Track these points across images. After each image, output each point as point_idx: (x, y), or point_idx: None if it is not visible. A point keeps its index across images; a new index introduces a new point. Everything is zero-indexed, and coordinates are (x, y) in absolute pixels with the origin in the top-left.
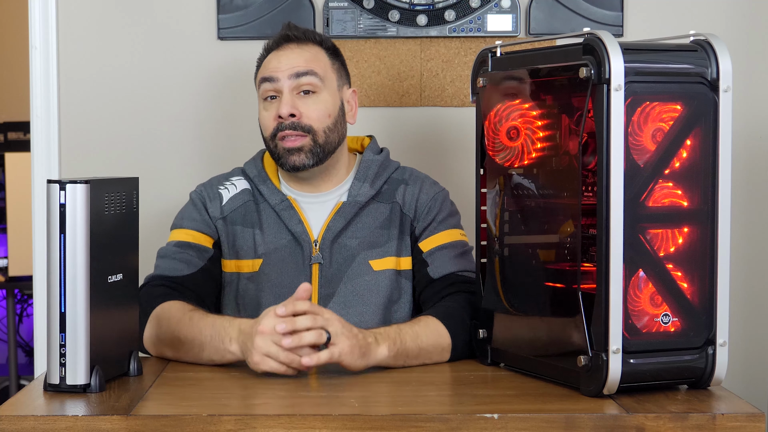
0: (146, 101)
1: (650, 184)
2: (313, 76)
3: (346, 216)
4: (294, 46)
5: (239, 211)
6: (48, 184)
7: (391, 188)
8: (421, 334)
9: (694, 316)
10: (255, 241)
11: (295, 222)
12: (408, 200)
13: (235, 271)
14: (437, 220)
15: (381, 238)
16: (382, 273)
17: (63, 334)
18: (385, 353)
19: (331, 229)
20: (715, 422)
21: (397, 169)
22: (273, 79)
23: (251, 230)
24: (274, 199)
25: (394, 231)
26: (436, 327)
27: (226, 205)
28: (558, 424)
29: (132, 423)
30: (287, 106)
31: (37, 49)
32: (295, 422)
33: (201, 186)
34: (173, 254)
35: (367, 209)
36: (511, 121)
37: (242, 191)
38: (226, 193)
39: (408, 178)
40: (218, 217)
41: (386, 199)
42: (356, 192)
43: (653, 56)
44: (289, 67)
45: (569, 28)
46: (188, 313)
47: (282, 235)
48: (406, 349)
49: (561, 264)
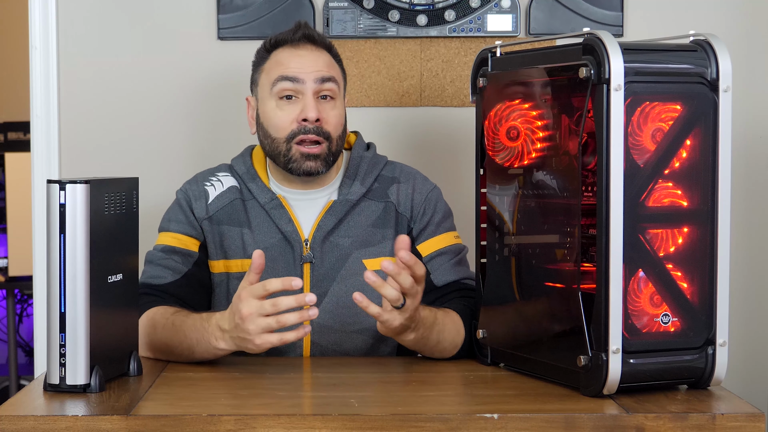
0: (146, 101)
1: (650, 184)
2: (333, 82)
3: (337, 214)
4: (313, 47)
5: (226, 210)
6: (48, 184)
7: (382, 186)
8: (446, 329)
9: (694, 316)
10: (244, 241)
11: (285, 221)
12: (403, 199)
13: (224, 271)
14: (434, 223)
15: (374, 237)
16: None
17: (63, 334)
18: (410, 338)
19: (322, 227)
20: (715, 422)
21: (386, 165)
22: (296, 80)
23: (239, 229)
24: (264, 197)
25: (389, 231)
26: (459, 326)
27: (212, 203)
28: (558, 424)
29: (132, 423)
30: (314, 110)
31: (37, 49)
32: (295, 422)
33: (186, 184)
34: (158, 260)
35: (359, 207)
36: (511, 121)
37: (229, 189)
38: (212, 190)
39: (399, 176)
40: (203, 217)
41: (378, 197)
42: (347, 190)
43: (653, 56)
44: (314, 70)
45: (569, 28)
46: (170, 318)
47: (272, 234)
48: (428, 339)
49: (561, 264)
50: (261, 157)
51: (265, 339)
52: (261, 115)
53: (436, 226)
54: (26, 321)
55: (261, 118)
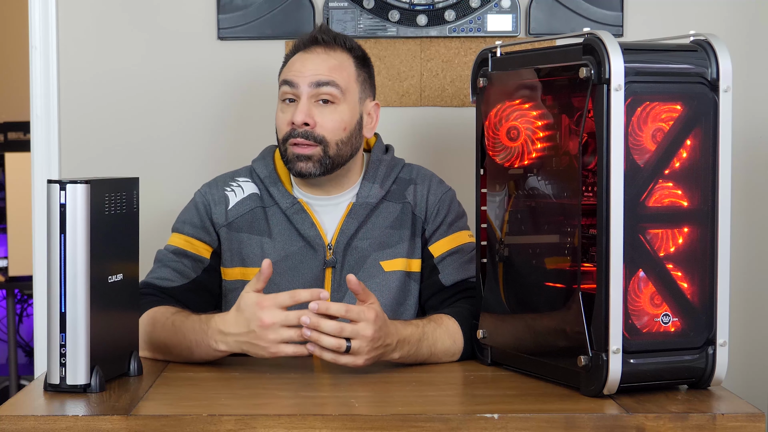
0: (146, 101)
1: (650, 184)
2: (333, 86)
3: (358, 218)
4: (321, 50)
5: (246, 218)
6: (48, 184)
7: (400, 188)
8: (439, 340)
9: (694, 316)
10: (263, 250)
11: (308, 226)
12: (419, 201)
13: (240, 278)
14: (446, 223)
15: (392, 239)
16: (392, 274)
17: (63, 334)
18: (395, 357)
19: (345, 231)
20: (715, 422)
21: (403, 167)
22: (292, 84)
23: (259, 238)
24: (285, 202)
25: (406, 232)
26: (455, 333)
27: (232, 210)
28: (558, 424)
29: (132, 423)
30: (302, 114)
31: (37, 49)
32: (295, 422)
33: (206, 186)
34: (168, 261)
35: (378, 209)
36: (511, 121)
37: (249, 196)
38: (233, 196)
39: (416, 177)
40: (222, 223)
41: (396, 199)
42: (366, 193)
43: (653, 56)
44: (311, 74)
45: (569, 28)
46: (170, 318)
47: (293, 242)
48: (418, 354)
49: (561, 264)
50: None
51: (281, 349)
52: None
53: (448, 226)
54: (26, 321)
55: None
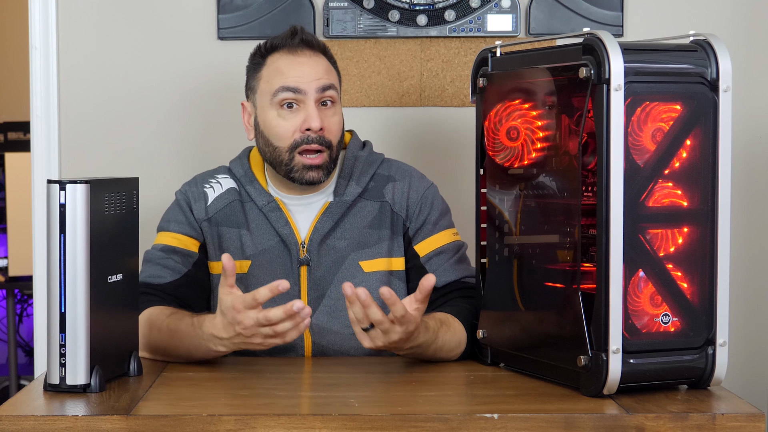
0: (146, 101)
1: (650, 184)
2: (333, 89)
3: (333, 216)
4: (311, 53)
5: (225, 212)
6: (48, 184)
7: (378, 185)
8: (446, 343)
9: (694, 316)
10: (242, 242)
11: (282, 224)
12: (398, 198)
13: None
14: (430, 222)
15: (371, 239)
16: (373, 275)
17: (63, 334)
18: (401, 354)
19: (319, 230)
20: (715, 422)
21: (382, 163)
22: (298, 90)
23: (237, 231)
24: (261, 200)
25: (385, 231)
26: (461, 337)
27: (211, 205)
28: (558, 424)
29: (132, 423)
30: (317, 119)
31: (37, 49)
32: (295, 422)
33: (186, 185)
34: (158, 259)
35: (355, 208)
36: (511, 121)
37: (228, 190)
38: (212, 192)
39: (395, 174)
40: (203, 218)
41: (374, 197)
42: (342, 191)
43: (653, 56)
44: (315, 79)
45: (569, 28)
46: (165, 321)
47: (270, 237)
48: (423, 355)
49: (561, 264)
50: (259, 160)
51: (270, 342)
52: (261, 124)
53: (432, 224)
54: (26, 321)
55: (261, 127)
